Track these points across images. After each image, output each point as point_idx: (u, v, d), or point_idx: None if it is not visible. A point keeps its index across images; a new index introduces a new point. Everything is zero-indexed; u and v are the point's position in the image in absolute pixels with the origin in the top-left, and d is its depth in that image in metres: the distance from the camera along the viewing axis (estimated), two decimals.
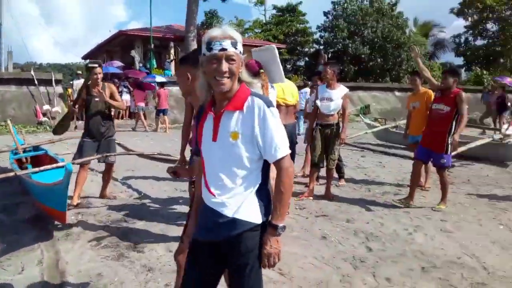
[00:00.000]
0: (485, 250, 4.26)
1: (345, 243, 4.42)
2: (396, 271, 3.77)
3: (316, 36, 32.97)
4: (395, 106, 22.65)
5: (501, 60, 35.18)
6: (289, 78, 24.84)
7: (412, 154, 6.52)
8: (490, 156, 8.98)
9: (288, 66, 33.69)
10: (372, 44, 28.98)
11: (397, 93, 23.89)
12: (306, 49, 33.75)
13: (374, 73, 29.62)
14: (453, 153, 5.80)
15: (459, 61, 38.82)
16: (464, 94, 5.54)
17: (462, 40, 37.87)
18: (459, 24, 40.61)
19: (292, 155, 4.24)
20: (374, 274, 3.70)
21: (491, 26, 36.50)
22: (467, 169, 8.44)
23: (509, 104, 16.49)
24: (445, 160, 5.57)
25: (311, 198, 6.07)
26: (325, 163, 6.18)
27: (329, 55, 29.56)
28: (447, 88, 5.56)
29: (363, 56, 28.96)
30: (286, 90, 5.41)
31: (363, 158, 9.61)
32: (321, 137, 6.07)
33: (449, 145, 5.52)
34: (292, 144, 5.04)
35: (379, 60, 29.07)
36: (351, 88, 21.48)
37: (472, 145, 8.60)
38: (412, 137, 6.67)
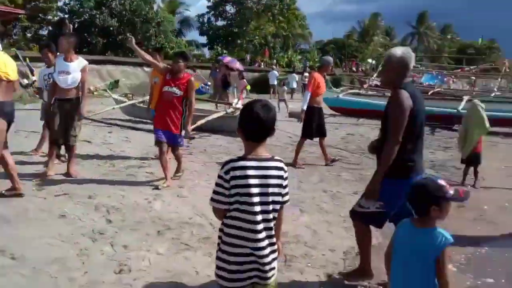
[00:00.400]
0: (210, 209, 4.90)
1: (85, 219, 4.45)
2: (134, 238, 4.05)
3: (61, 3, 30.58)
4: (144, 81, 22.92)
5: (238, 41, 39.57)
6: (30, 49, 22.57)
7: None
8: (224, 128, 10.16)
9: (29, 35, 30.33)
10: (121, 17, 28.57)
11: (146, 69, 24.17)
12: (50, 17, 30.93)
13: (124, 47, 29.30)
14: (190, 129, 6.29)
15: (203, 39, 42.01)
16: (193, 80, 6.05)
17: (206, 19, 41.02)
18: (203, 4, 43.63)
19: None
20: (112, 243, 3.89)
21: (229, 8, 40.57)
22: (205, 140, 9.40)
23: (244, 80, 18.81)
24: (179, 140, 6.00)
25: (50, 176, 5.81)
26: (65, 140, 5.97)
27: (76, 25, 27.81)
28: (178, 71, 5.85)
29: (111, 28, 28.29)
30: (8, 64, 4.93)
31: (110, 134, 9.58)
32: (61, 113, 5.83)
33: (183, 126, 5.96)
34: (11, 123, 4.82)
35: (128, 34, 28.80)
36: (100, 62, 21.07)
37: (210, 118, 9.66)
38: (154, 111, 6.99)
